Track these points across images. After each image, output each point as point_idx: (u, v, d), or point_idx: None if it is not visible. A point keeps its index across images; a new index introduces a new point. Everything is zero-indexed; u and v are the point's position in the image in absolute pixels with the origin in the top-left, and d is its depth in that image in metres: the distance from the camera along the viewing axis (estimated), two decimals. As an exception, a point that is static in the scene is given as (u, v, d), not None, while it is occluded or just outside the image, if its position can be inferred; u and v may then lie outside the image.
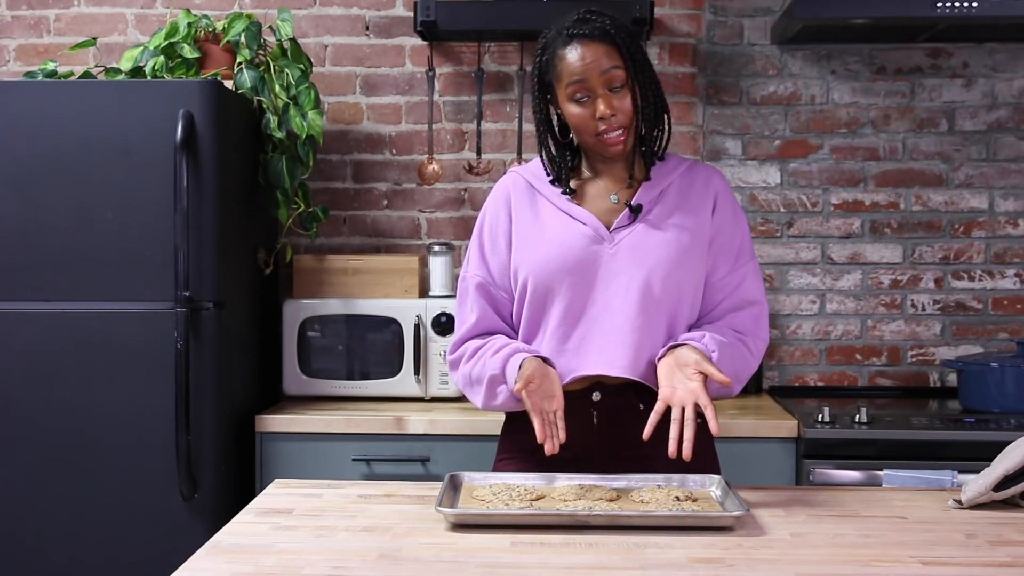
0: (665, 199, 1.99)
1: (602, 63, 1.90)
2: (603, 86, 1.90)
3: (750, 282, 2.01)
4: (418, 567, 1.47)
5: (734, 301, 1.99)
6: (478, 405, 2.00)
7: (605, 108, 1.90)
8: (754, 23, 3.32)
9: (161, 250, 2.66)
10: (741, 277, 2.00)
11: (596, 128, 1.92)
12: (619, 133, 1.93)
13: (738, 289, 2.00)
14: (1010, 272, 3.31)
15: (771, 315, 3.26)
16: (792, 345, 3.35)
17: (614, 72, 1.90)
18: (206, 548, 1.57)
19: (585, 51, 1.90)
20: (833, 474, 2.66)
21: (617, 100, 1.91)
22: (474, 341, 2.01)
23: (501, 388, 1.93)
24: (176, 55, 2.95)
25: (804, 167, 3.33)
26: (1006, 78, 3.29)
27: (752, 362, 1.99)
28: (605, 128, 1.92)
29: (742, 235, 2.03)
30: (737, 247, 2.01)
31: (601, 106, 1.90)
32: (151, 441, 2.67)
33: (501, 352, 1.94)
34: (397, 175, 3.38)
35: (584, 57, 1.90)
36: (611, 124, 1.92)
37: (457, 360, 2.03)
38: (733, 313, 1.99)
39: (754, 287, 2.01)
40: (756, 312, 2.01)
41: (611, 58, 1.90)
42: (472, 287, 2.03)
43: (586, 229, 1.97)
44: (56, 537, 2.68)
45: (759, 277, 2.04)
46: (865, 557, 1.52)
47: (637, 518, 1.65)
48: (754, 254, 2.04)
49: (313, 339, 3.05)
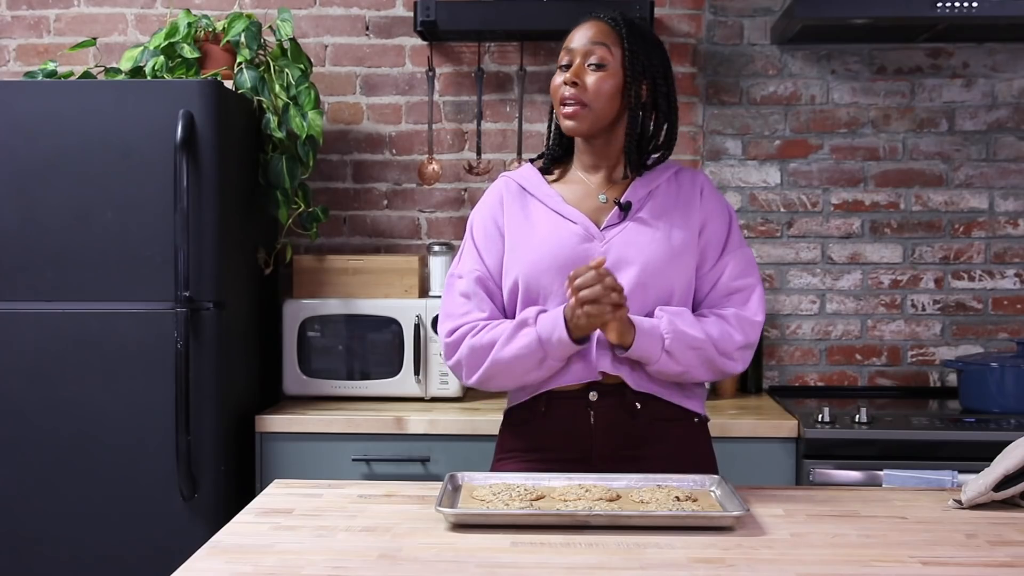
0: (654, 199, 2.00)
1: (590, 35, 1.96)
2: (583, 57, 1.95)
3: (734, 267, 1.99)
4: (418, 567, 1.47)
5: (726, 287, 1.99)
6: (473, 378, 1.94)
7: (570, 75, 1.95)
8: (754, 23, 3.32)
9: (161, 250, 2.66)
10: (729, 261, 2.00)
11: (560, 94, 1.96)
12: (574, 108, 1.95)
13: (722, 276, 1.99)
14: (1010, 272, 3.31)
15: (771, 315, 3.27)
16: (792, 345, 3.35)
17: (599, 47, 1.95)
18: (206, 548, 1.57)
19: (588, 26, 1.98)
20: (833, 474, 2.66)
21: (588, 76, 1.95)
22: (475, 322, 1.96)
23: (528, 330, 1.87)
24: (176, 55, 2.95)
25: (804, 167, 3.33)
26: (1006, 78, 3.29)
27: (736, 335, 1.94)
28: (568, 96, 1.95)
29: (728, 227, 2.03)
30: (726, 235, 2.02)
31: (568, 73, 1.95)
32: (151, 441, 2.67)
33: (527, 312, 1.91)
34: (397, 175, 3.38)
35: (582, 30, 1.98)
36: (570, 94, 1.94)
37: (460, 339, 1.96)
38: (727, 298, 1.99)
39: (739, 271, 1.99)
40: (747, 293, 1.99)
41: (604, 36, 1.96)
42: (472, 280, 2.00)
43: (576, 228, 1.97)
44: (56, 537, 2.68)
45: (749, 262, 2.01)
46: (865, 557, 1.52)
47: (637, 518, 1.65)
48: (743, 242, 2.03)
49: (313, 339, 3.05)
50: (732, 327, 1.95)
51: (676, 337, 1.88)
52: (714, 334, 1.92)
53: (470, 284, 2.00)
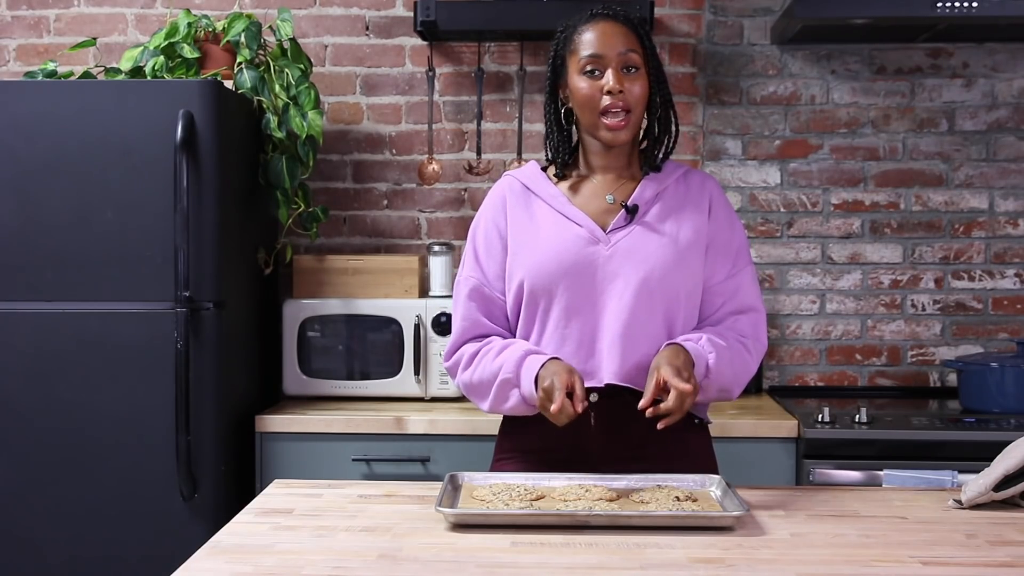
0: (661, 201, 1.99)
1: (621, 42, 1.93)
2: (617, 64, 1.92)
3: (749, 287, 2.01)
4: (418, 567, 1.47)
5: (735, 305, 1.99)
6: (485, 409, 1.98)
7: (615, 83, 1.91)
8: (754, 23, 3.32)
9: (161, 250, 2.66)
10: (739, 282, 2.00)
11: (601, 104, 1.92)
12: (622, 117, 1.93)
13: (737, 293, 2.00)
14: (1010, 272, 3.31)
15: (771, 315, 3.27)
16: (792, 345, 3.35)
17: (631, 55, 1.93)
18: (206, 548, 1.57)
19: (606, 27, 1.94)
20: (833, 474, 2.66)
21: (628, 81, 1.92)
22: (469, 346, 2.00)
23: (514, 392, 1.91)
24: (176, 55, 2.95)
25: (804, 167, 3.33)
26: (1006, 78, 3.29)
27: (752, 365, 1.99)
28: (610, 104, 1.91)
29: (739, 239, 2.03)
30: (735, 250, 2.01)
31: (611, 80, 1.91)
32: (151, 441, 2.67)
33: (507, 354, 1.92)
34: (397, 175, 3.38)
35: (604, 32, 1.93)
36: (616, 101, 1.91)
37: (454, 367, 2.02)
38: (734, 317, 1.99)
39: (752, 292, 2.02)
40: (755, 318, 2.01)
41: (630, 41, 1.93)
42: (464, 291, 2.02)
43: (581, 231, 1.96)
44: (56, 537, 2.68)
45: (756, 283, 2.04)
46: (865, 557, 1.52)
47: (637, 518, 1.65)
48: (751, 259, 2.05)
49: (313, 339, 3.05)
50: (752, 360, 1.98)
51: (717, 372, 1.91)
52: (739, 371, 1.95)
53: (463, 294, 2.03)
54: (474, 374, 1.97)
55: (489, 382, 1.94)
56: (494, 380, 1.93)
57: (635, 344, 1.92)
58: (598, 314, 1.94)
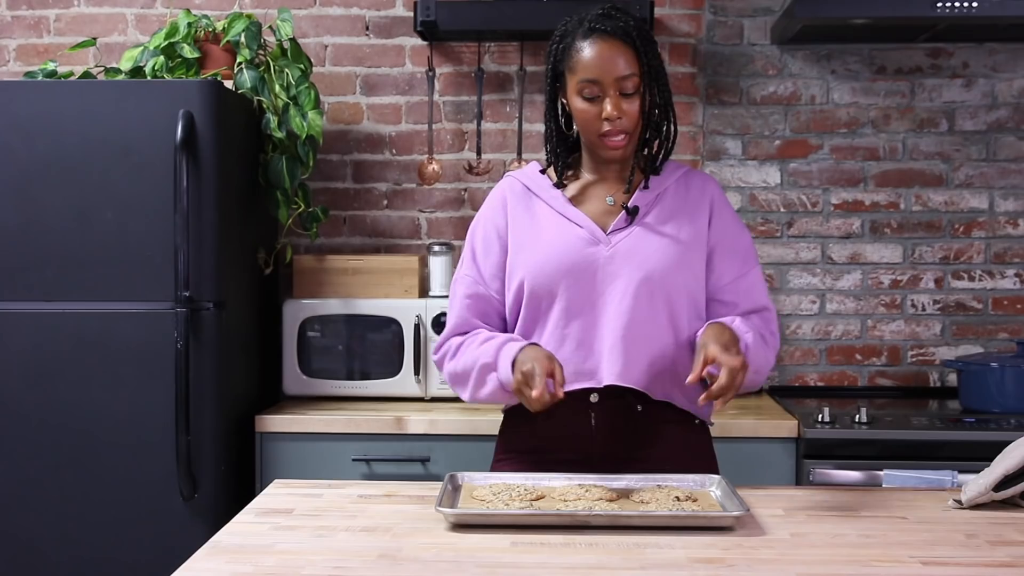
0: (662, 203, 1.99)
1: (618, 67, 1.89)
2: (615, 89, 1.90)
3: (759, 286, 2.02)
4: (418, 567, 1.47)
5: (748, 305, 1.99)
6: (465, 398, 1.99)
7: (612, 110, 1.90)
8: (754, 23, 3.32)
9: (161, 250, 2.66)
10: (750, 282, 2.00)
11: (600, 128, 1.92)
12: (621, 138, 1.93)
13: (751, 293, 2.00)
14: (1010, 272, 3.31)
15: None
16: (792, 345, 3.35)
17: (629, 79, 1.90)
18: (206, 548, 1.57)
19: (603, 49, 1.90)
20: (833, 474, 2.66)
21: (626, 104, 1.91)
22: (456, 338, 2.02)
23: (491, 376, 1.91)
24: (176, 55, 2.95)
25: (804, 167, 3.33)
26: (1006, 78, 3.29)
27: (771, 358, 1.99)
28: (609, 130, 1.92)
29: (745, 239, 2.03)
30: (743, 251, 2.01)
31: (608, 107, 1.90)
32: (151, 441, 2.67)
33: (489, 343, 1.93)
34: (397, 175, 3.38)
35: (602, 55, 1.90)
36: (615, 127, 1.92)
37: (442, 359, 2.03)
38: (748, 316, 1.99)
39: (762, 291, 2.03)
40: (768, 316, 2.02)
41: (628, 63, 1.90)
42: (460, 289, 2.03)
43: (582, 232, 1.96)
44: (56, 537, 2.68)
45: (764, 282, 2.05)
46: (865, 557, 1.52)
47: (637, 518, 1.65)
48: (758, 259, 2.05)
49: (313, 339, 3.05)
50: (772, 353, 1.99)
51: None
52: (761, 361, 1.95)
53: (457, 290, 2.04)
54: (458, 363, 1.98)
55: (469, 368, 1.95)
56: (474, 366, 1.93)
57: (635, 345, 1.92)
58: (598, 315, 1.94)
